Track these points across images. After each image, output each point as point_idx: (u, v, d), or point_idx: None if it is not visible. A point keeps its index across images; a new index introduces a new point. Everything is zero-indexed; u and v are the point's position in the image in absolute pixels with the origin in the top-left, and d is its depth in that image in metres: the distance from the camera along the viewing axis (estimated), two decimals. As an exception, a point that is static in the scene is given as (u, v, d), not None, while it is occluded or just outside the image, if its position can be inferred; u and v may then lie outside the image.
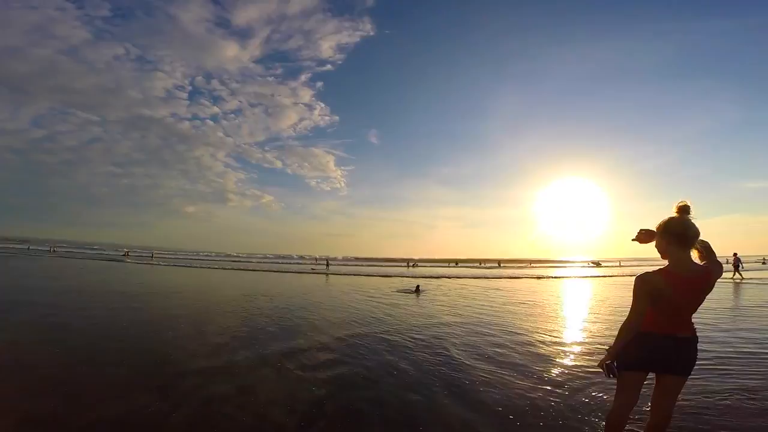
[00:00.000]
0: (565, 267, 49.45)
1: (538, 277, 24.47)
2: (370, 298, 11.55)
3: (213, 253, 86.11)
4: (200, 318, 7.51)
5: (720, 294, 12.16)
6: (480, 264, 57.24)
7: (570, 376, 4.10)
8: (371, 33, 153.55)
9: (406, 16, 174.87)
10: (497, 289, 15.88)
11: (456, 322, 7.48)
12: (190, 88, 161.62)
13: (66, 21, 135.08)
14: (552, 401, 3.42)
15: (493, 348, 5.36)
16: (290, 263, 48.60)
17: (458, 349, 5.26)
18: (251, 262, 48.74)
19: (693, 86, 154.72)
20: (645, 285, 1.97)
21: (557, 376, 4.14)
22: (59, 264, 26.25)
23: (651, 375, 2.12)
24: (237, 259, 60.20)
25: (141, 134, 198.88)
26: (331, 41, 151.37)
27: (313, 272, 27.42)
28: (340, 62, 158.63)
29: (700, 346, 2.05)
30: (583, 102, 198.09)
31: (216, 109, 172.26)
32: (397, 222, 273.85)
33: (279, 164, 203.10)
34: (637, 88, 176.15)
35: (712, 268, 2.02)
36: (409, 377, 4.13)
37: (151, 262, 36.78)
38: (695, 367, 2.06)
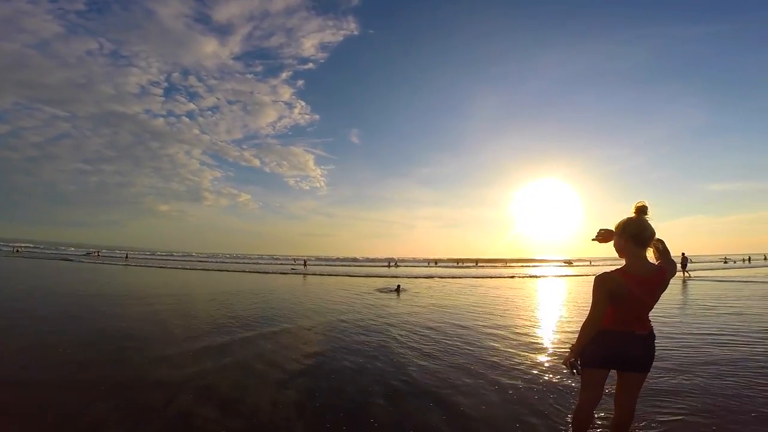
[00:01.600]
0: (539, 266, 50.90)
1: (513, 276, 25.21)
2: (351, 299, 11.65)
3: (188, 254, 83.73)
4: (176, 316, 7.47)
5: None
6: (458, 264, 58.20)
7: (538, 372, 4.38)
8: (355, 32, 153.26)
9: (390, 16, 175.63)
10: (475, 286, 16.43)
11: (441, 319, 7.74)
12: (165, 84, 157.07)
13: (37, 14, 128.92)
14: (514, 393, 3.63)
15: (467, 340, 5.62)
16: (268, 263, 47.88)
17: (442, 344, 5.52)
18: (227, 262, 47.79)
19: (663, 90, 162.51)
20: (604, 284, 2.03)
21: (523, 370, 4.38)
22: (21, 265, 25.07)
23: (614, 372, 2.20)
24: (213, 259, 58.86)
25: (112, 131, 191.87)
26: (314, 39, 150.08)
27: (293, 272, 27.21)
28: (322, 61, 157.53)
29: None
30: (560, 105, 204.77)
31: (192, 106, 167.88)
32: (378, 222, 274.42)
33: (257, 163, 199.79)
34: (613, 91, 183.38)
35: (666, 267, 2.11)
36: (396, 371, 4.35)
37: (126, 262, 35.57)
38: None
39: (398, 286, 14.46)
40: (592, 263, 52.69)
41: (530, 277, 25.07)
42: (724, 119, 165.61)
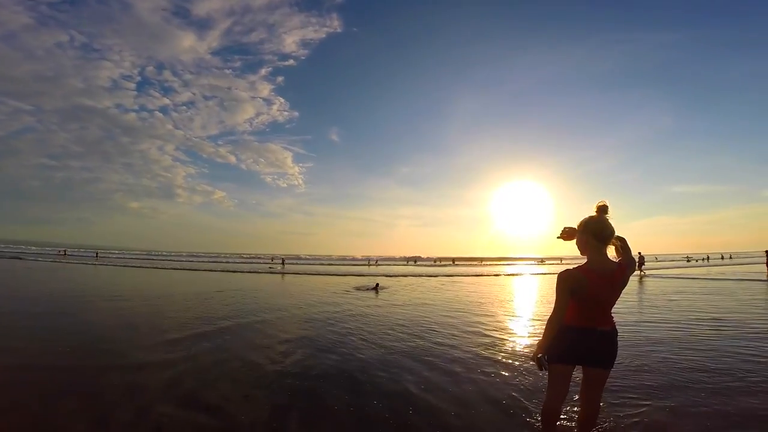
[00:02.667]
0: (513, 264, 52.25)
1: (488, 275, 25.95)
2: (329, 298, 11.77)
3: (161, 252, 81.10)
4: (147, 317, 7.46)
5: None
6: (435, 262, 59.10)
7: (507, 360, 4.72)
8: (338, 30, 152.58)
9: (375, 15, 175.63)
10: (452, 284, 16.94)
11: (416, 315, 8.02)
12: (139, 78, 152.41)
13: (7, 5, 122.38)
14: (482, 382, 3.84)
15: (435, 335, 5.89)
16: (244, 262, 47.09)
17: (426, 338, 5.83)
18: (202, 261, 46.74)
19: (633, 94, 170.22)
20: (565, 281, 2.07)
21: (494, 358, 4.71)
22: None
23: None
24: (187, 258, 57.42)
25: (80, 125, 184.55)
26: (295, 36, 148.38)
27: (270, 271, 26.98)
28: (303, 57, 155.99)
29: None
30: (536, 108, 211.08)
31: (166, 101, 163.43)
32: (358, 220, 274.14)
33: (233, 159, 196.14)
34: (585, 95, 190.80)
35: (625, 265, 2.14)
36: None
37: (96, 261, 34.32)
38: None
39: (377, 284, 14.68)
40: (563, 261, 54.50)
41: (504, 275, 25.83)
42: (688, 124, 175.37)
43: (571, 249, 2.21)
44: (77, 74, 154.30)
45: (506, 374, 4.04)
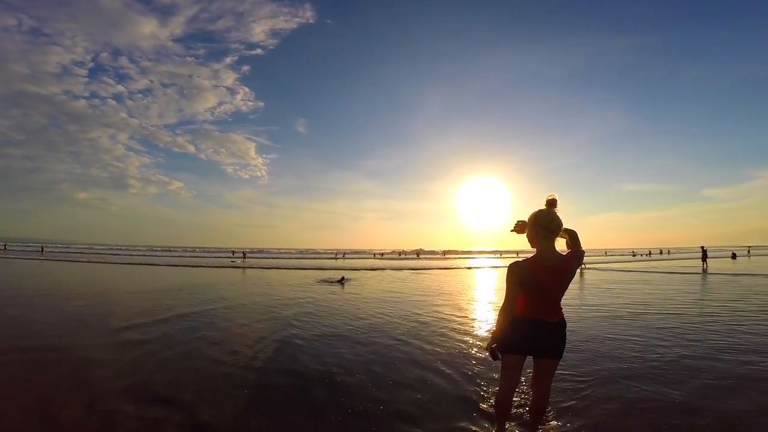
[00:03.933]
0: (474, 257, 54.14)
1: (450, 267, 26.92)
2: (294, 291, 11.78)
3: (113, 246, 76.40)
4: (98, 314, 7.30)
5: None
6: (400, 255, 60.01)
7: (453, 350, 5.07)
8: (311, 20, 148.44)
9: (349, 7, 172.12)
10: (416, 275, 17.56)
11: (383, 306, 8.27)
12: (91, 64, 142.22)
13: None
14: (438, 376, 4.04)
15: (397, 324, 6.16)
16: (202, 256, 45.38)
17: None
18: (158, 255, 44.68)
19: (592, 96, 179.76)
20: (514, 272, 2.11)
21: (441, 348, 5.01)
22: None
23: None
24: (142, 252, 54.63)
25: (22, 112, 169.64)
26: (264, 25, 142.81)
27: (232, 265, 26.33)
28: (272, 47, 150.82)
29: None
30: (500, 106, 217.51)
31: (121, 88, 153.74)
32: (324, 213, 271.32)
33: (191, 149, 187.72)
34: (548, 95, 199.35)
35: (572, 257, 2.18)
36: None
37: (42, 256, 31.95)
38: None
39: (342, 277, 14.89)
40: (519, 255, 57.06)
41: (466, 268, 26.84)
42: (640, 126, 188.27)
43: (527, 242, 2.28)
44: (22, 59, 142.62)
45: (460, 362, 4.20)
